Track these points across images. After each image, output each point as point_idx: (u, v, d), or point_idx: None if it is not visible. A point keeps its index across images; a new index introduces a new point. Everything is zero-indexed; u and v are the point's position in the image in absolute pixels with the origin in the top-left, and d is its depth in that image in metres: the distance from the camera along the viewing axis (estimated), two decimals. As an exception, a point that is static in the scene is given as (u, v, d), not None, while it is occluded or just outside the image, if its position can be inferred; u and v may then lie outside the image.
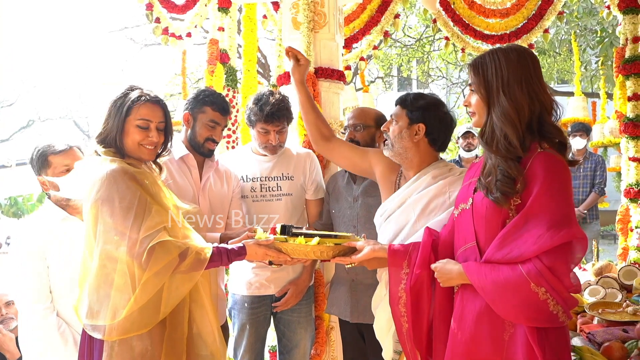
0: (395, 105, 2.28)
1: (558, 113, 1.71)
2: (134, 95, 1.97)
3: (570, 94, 6.87)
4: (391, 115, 2.29)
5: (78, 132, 22.83)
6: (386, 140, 2.29)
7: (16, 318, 2.93)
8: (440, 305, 1.88)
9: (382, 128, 2.32)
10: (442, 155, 2.38)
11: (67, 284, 2.16)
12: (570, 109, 6.41)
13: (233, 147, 4.35)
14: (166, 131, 2.06)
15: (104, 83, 21.29)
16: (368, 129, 2.73)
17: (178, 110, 5.63)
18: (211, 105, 2.50)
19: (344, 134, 2.84)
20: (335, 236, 2.13)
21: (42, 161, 2.25)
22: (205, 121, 2.50)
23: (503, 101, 1.66)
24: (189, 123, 2.53)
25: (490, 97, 1.70)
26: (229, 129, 4.26)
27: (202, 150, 2.53)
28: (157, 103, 2.02)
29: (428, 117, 2.19)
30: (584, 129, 5.70)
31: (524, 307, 1.55)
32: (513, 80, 1.66)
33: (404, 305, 1.91)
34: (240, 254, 2.03)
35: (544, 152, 1.61)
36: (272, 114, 2.62)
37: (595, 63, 9.87)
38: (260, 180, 2.77)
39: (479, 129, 1.81)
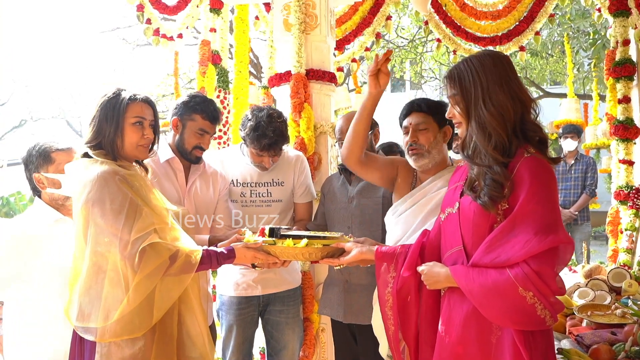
0: (413, 113, 2.29)
1: (537, 111, 1.71)
2: (125, 95, 1.98)
3: (563, 95, 6.89)
4: (416, 125, 2.27)
5: (71, 131, 22.73)
6: (415, 150, 2.27)
7: None
8: (427, 308, 1.88)
9: (410, 140, 2.27)
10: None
11: (56, 288, 2.08)
12: (563, 111, 6.43)
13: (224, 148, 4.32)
14: (155, 130, 2.08)
15: (104, 83, 21.21)
16: None
17: (170, 111, 5.60)
18: (202, 114, 2.46)
19: (342, 141, 2.69)
20: (324, 237, 2.13)
21: (44, 157, 2.16)
22: (194, 129, 2.46)
23: (483, 110, 1.65)
24: (178, 129, 2.49)
25: (470, 106, 1.69)
26: (220, 130, 4.24)
27: (189, 157, 2.50)
28: (148, 102, 2.04)
29: (445, 119, 2.18)
30: (575, 131, 5.73)
31: (512, 311, 1.55)
32: (493, 84, 1.66)
33: (390, 308, 1.91)
34: (229, 257, 2.04)
35: (531, 157, 1.61)
36: (269, 145, 2.59)
37: (587, 65, 9.90)
38: (250, 185, 2.76)
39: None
